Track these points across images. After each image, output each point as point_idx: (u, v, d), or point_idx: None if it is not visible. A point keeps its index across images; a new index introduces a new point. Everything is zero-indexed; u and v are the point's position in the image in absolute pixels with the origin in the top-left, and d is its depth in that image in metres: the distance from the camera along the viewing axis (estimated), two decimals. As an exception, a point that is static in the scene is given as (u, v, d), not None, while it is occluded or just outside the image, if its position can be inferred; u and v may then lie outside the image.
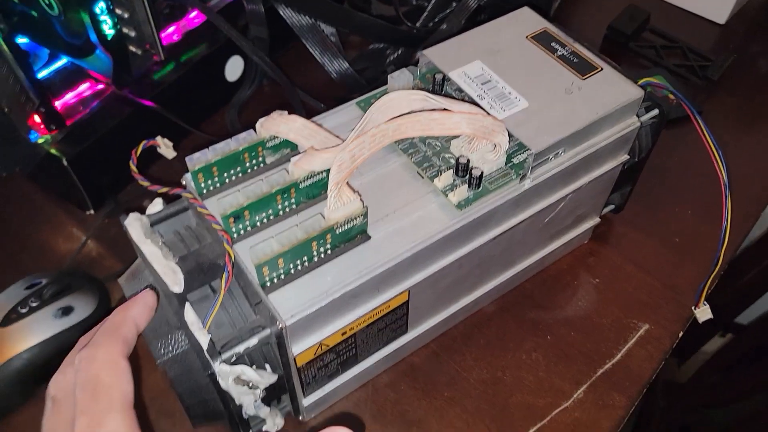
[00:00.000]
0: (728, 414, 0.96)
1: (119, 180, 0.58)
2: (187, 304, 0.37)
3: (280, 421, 0.44)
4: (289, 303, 0.37)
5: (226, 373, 0.36)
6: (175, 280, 0.37)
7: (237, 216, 0.38)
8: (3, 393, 0.45)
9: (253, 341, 0.37)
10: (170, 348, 0.37)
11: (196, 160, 0.40)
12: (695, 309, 0.51)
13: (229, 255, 0.37)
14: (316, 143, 0.41)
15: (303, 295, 0.37)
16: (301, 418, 0.46)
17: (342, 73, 0.63)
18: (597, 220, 0.54)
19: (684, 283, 0.53)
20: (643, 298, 0.53)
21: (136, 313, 0.35)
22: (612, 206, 0.56)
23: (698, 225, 0.57)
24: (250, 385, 0.37)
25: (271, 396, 0.41)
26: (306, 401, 0.44)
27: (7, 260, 0.55)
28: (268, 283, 0.38)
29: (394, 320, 0.44)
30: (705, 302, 0.51)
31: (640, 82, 0.46)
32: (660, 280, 0.54)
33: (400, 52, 0.67)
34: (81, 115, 0.55)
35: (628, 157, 0.48)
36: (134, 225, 0.40)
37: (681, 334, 0.51)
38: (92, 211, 0.57)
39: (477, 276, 0.48)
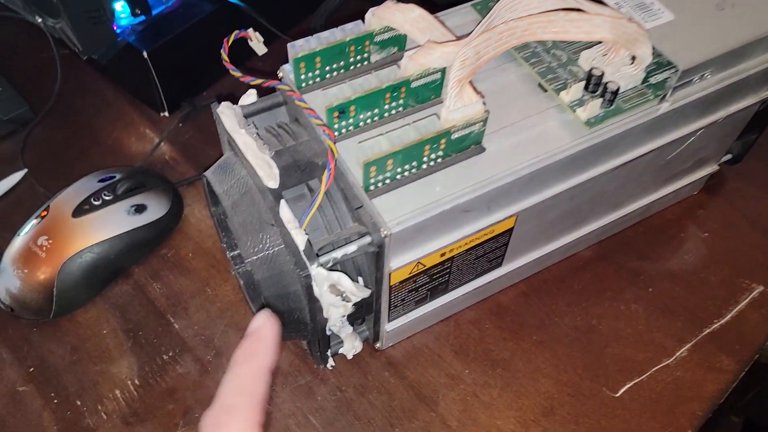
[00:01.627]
0: None
1: (197, 83, 0.55)
2: (283, 201, 0.33)
3: (358, 345, 0.41)
4: (394, 210, 0.33)
5: (321, 278, 0.32)
6: (270, 174, 0.34)
7: (342, 110, 0.34)
8: (70, 286, 0.42)
9: (352, 248, 0.33)
10: (261, 246, 0.33)
11: (299, 47, 0.36)
12: (818, 275, 0.46)
13: (332, 151, 0.34)
14: (433, 38, 0.36)
15: (409, 204, 0.34)
16: (378, 345, 0.42)
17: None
18: (714, 167, 0.49)
19: (805, 246, 0.48)
20: (759, 258, 0.48)
21: (268, 360, 0.28)
22: (729, 156, 0.50)
23: (823, 187, 0.52)
24: (344, 296, 0.34)
25: (356, 315, 0.38)
26: (389, 326, 0.41)
27: (77, 155, 0.52)
28: (372, 187, 0.34)
29: (493, 249, 0.40)
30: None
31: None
32: (778, 241, 0.49)
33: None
34: (165, 7, 0.51)
35: (769, 95, 0.43)
36: (227, 113, 0.36)
37: (799, 301, 0.46)
38: (167, 113, 0.54)
39: (584, 213, 0.43)
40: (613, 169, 0.39)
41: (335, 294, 0.33)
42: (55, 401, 0.41)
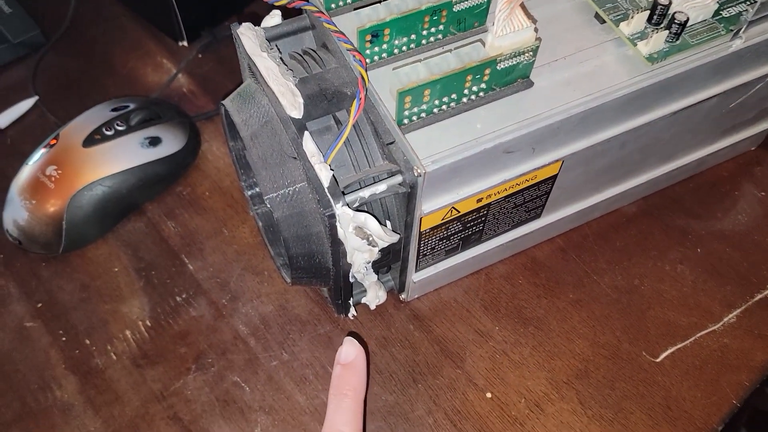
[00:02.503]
0: None
1: (218, 11, 0.52)
2: (307, 133, 0.30)
3: (382, 295, 0.38)
4: (429, 147, 0.30)
5: (347, 219, 0.29)
6: (293, 102, 0.31)
7: (376, 33, 0.31)
8: (80, 220, 0.40)
9: (381, 188, 0.30)
10: (281, 182, 0.30)
11: (329, -37, 0.33)
12: None
13: (363, 79, 0.30)
14: (481, -43, 0.32)
15: (446, 141, 0.30)
16: (403, 296, 0.40)
17: None
18: (778, 121, 0.45)
19: None
20: (820, 221, 0.44)
21: (364, 393, 0.32)
22: (793, 110, 0.46)
23: None
24: (370, 240, 0.31)
25: (381, 263, 0.35)
26: (416, 276, 0.38)
27: (91, 84, 0.49)
28: (406, 121, 0.31)
29: (534, 197, 0.36)
30: None
31: None
32: (841, 203, 0.45)
33: None
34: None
35: None
36: (248, 35, 0.33)
37: None
38: (185, 43, 0.51)
39: (633, 163, 0.39)
40: (672, 113, 0.35)
41: (361, 237, 0.30)
42: (63, 339, 0.39)
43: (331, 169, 0.29)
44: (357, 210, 0.30)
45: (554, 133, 0.32)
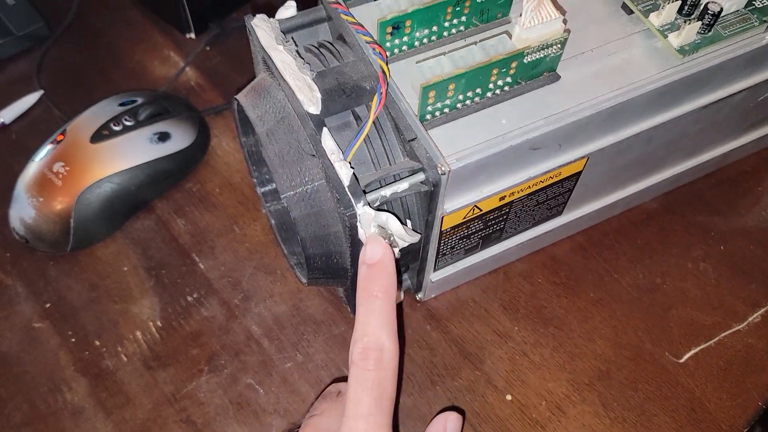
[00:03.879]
0: None
1: (227, 2, 0.50)
2: (325, 129, 0.29)
3: (399, 295, 0.37)
4: (453, 144, 0.29)
5: (368, 219, 0.28)
6: (311, 98, 0.30)
7: (397, 25, 0.30)
8: (88, 218, 0.39)
9: (402, 186, 0.29)
10: (299, 180, 0.29)
11: (347, -48, 0.31)
12: None
13: (384, 73, 0.29)
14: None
15: (471, 137, 0.29)
16: (420, 296, 0.39)
17: None
18: (804, 115, 0.43)
19: None
20: None
21: (395, 293, 0.27)
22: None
23: None
24: (390, 240, 0.30)
25: (399, 263, 0.34)
26: (433, 276, 0.37)
27: (97, 77, 0.48)
28: (429, 116, 0.29)
29: (557, 195, 0.35)
30: None
31: None
32: None
33: None
34: None
35: None
36: (262, 27, 0.32)
37: None
38: (193, 35, 0.50)
39: (657, 159, 0.38)
40: (702, 108, 0.34)
41: (382, 236, 0.29)
42: (73, 340, 0.38)
43: (351, 167, 0.28)
44: (378, 209, 0.29)
45: (582, 129, 0.31)
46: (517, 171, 0.31)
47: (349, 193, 0.28)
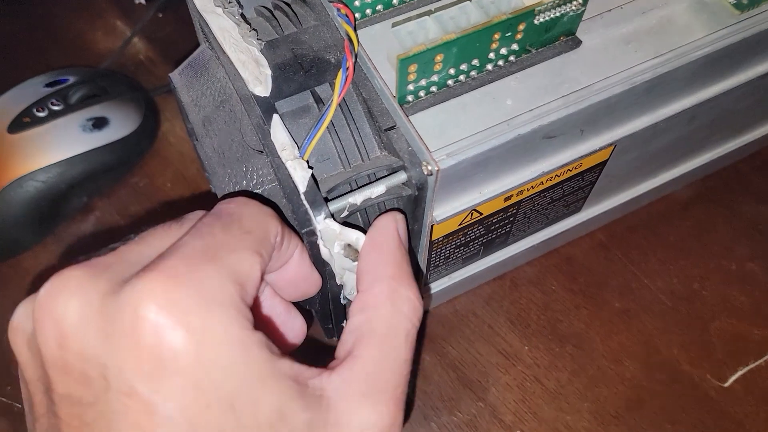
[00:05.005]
0: None
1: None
2: (276, 117, 0.22)
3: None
4: (443, 134, 0.22)
5: (331, 236, 0.21)
6: (258, 75, 0.23)
7: (367, -22, 0.23)
8: (9, 223, 0.33)
9: (378, 189, 0.22)
10: (243, 184, 0.23)
11: None
12: None
13: (351, 41, 0.22)
14: None
15: (466, 125, 0.22)
16: (410, 310, 0.32)
17: None
18: None
19: None
20: None
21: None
22: None
23: None
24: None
25: (381, 277, 0.28)
26: (424, 291, 0.30)
27: (29, 53, 0.41)
28: (411, 97, 0.22)
29: (575, 190, 0.29)
30: None
31: None
32: None
33: None
34: None
35: None
36: (197, -15, 0.25)
37: None
38: (143, 0, 0.42)
39: (697, 141, 0.31)
40: (759, 78, 0.27)
41: (352, 258, 0.22)
42: (8, 388, 0.31)
43: (309, 167, 0.22)
44: (345, 222, 0.22)
45: (609, 110, 0.24)
46: (526, 165, 0.24)
47: (305, 202, 0.21)
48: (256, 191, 0.22)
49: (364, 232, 0.21)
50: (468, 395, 0.31)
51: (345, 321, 0.29)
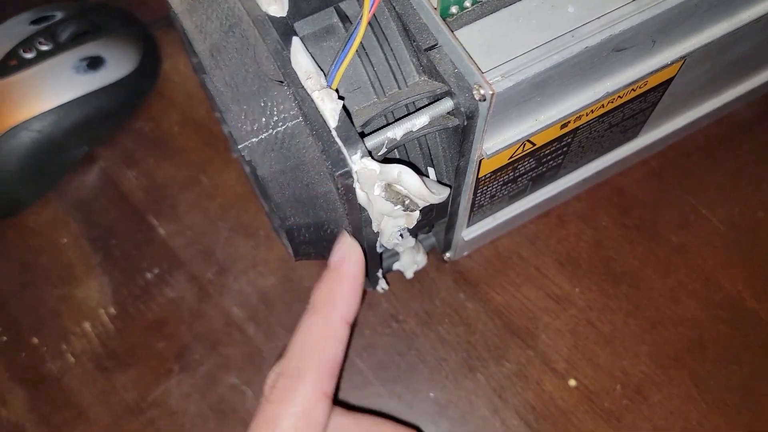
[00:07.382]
0: None
1: None
2: (296, 39, 0.19)
3: (421, 259, 0.28)
4: (495, 51, 0.19)
5: (371, 177, 0.18)
6: (271, -9, 0.19)
7: None
8: (6, 178, 0.30)
9: (420, 121, 0.19)
10: (263, 121, 0.19)
11: None
12: None
13: (382, -58, 0.18)
14: None
15: (522, 39, 0.19)
16: (449, 255, 0.29)
17: None
18: None
19: None
20: None
21: (346, 309, 0.22)
22: None
23: None
24: (406, 203, 0.20)
25: (420, 224, 0.25)
26: (467, 234, 0.27)
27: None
28: (456, 8, 0.19)
29: (636, 113, 0.25)
30: None
31: None
32: None
33: None
34: None
35: None
36: None
37: None
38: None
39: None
40: None
41: (393, 201, 0.19)
42: (4, 339, 0.29)
43: (340, 98, 0.18)
44: (385, 160, 0.19)
45: (688, 13, 0.20)
46: (589, 85, 0.21)
47: (337, 139, 0.18)
48: (277, 128, 0.19)
49: (406, 165, 0.18)
50: (516, 343, 0.29)
51: (381, 270, 0.26)
